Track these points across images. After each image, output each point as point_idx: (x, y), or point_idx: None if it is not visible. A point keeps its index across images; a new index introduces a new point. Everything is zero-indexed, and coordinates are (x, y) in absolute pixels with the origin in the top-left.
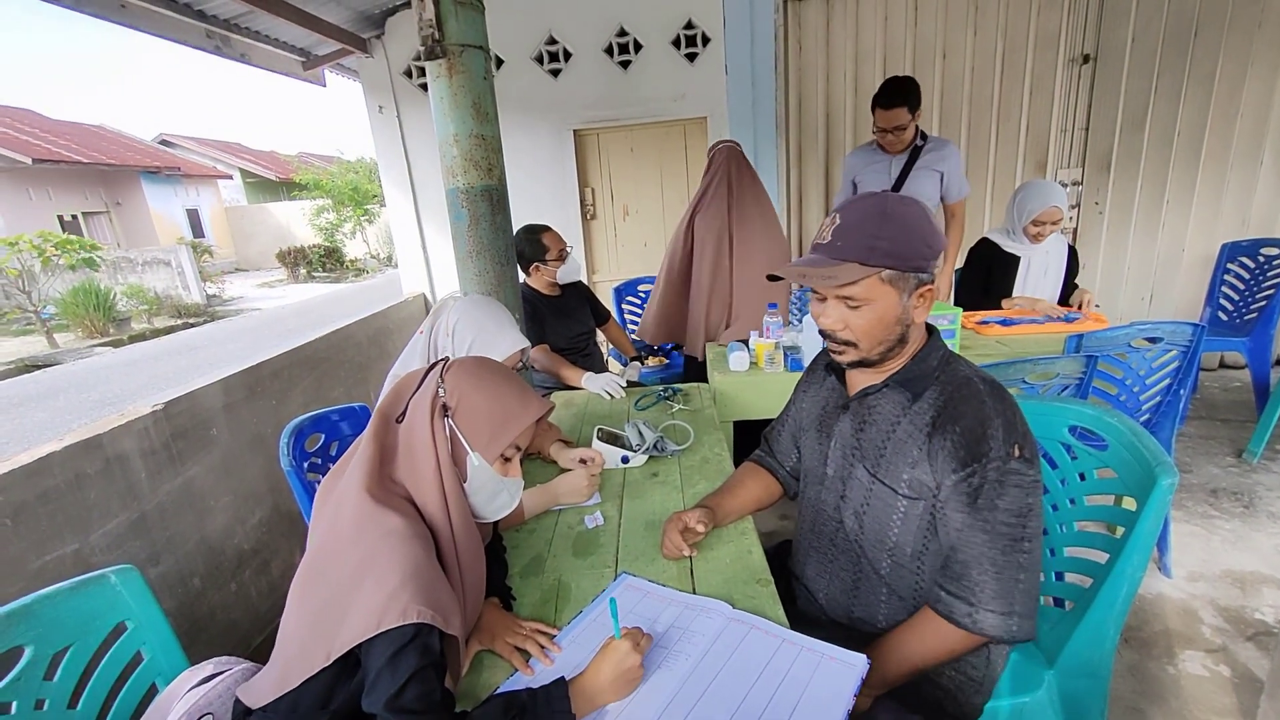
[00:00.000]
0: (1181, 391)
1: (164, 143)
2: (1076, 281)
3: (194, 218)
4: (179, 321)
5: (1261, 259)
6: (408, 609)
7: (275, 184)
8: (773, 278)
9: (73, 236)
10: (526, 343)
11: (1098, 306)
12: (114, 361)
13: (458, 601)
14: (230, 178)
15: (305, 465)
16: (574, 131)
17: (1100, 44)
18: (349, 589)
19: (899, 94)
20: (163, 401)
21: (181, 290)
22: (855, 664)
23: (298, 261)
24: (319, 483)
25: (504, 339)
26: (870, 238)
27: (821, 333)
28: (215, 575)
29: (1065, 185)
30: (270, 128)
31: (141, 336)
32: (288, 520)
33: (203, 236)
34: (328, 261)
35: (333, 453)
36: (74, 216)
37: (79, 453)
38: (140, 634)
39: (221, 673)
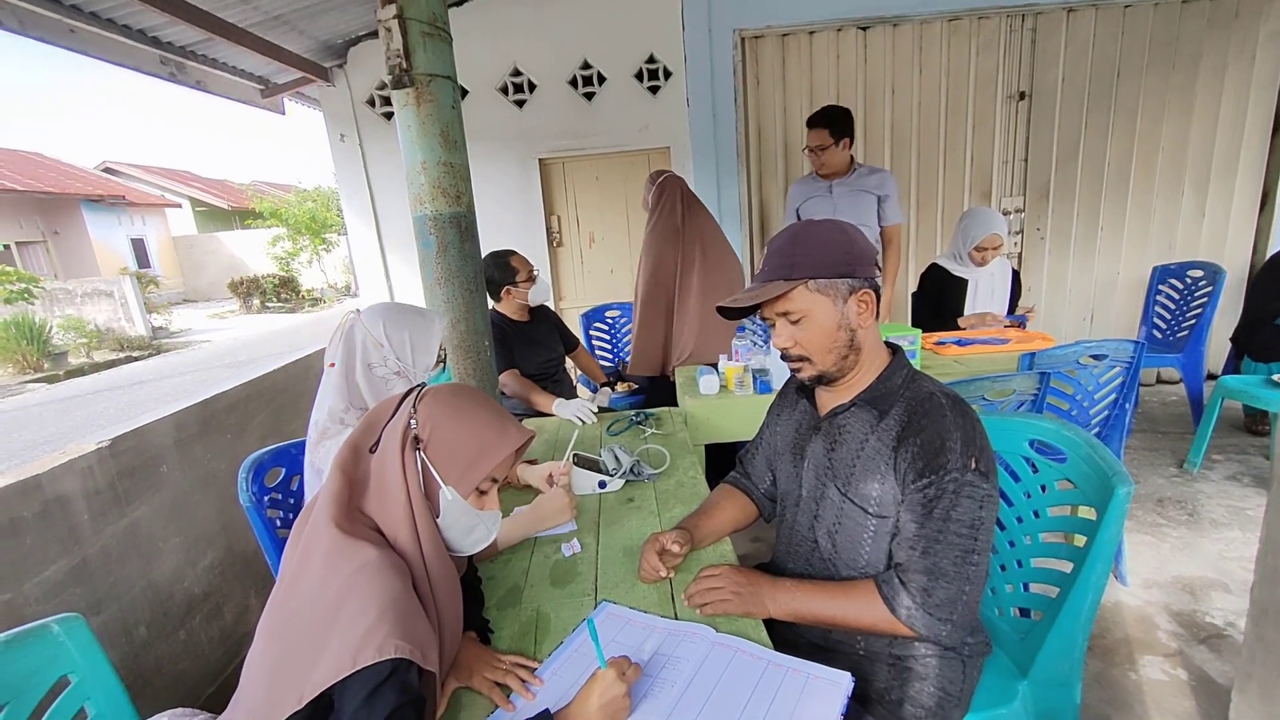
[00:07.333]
0: (1126, 406)
1: (108, 170)
2: (1020, 302)
3: (140, 247)
4: (121, 355)
5: (1189, 280)
6: (384, 644)
7: (227, 213)
8: (722, 310)
9: (8, 268)
10: (442, 314)
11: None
12: (47, 399)
13: (435, 637)
14: (179, 206)
15: (266, 500)
16: (539, 160)
17: (1034, 82)
18: (322, 627)
19: (824, 116)
20: (109, 438)
21: (125, 322)
22: (840, 682)
23: (251, 292)
24: (280, 519)
25: (433, 321)
26: (788, 257)
27: (781, 356)
28: (162, 623)
29: (1009, 213)
30: (223, 156)
31: (80, 371)
32: (242, 561)
33: (149, 267)
34: (283, 291)
35: (294, 487)
36: (6, 246)
37: (14, 495)
38: (85, 688)
39: None
